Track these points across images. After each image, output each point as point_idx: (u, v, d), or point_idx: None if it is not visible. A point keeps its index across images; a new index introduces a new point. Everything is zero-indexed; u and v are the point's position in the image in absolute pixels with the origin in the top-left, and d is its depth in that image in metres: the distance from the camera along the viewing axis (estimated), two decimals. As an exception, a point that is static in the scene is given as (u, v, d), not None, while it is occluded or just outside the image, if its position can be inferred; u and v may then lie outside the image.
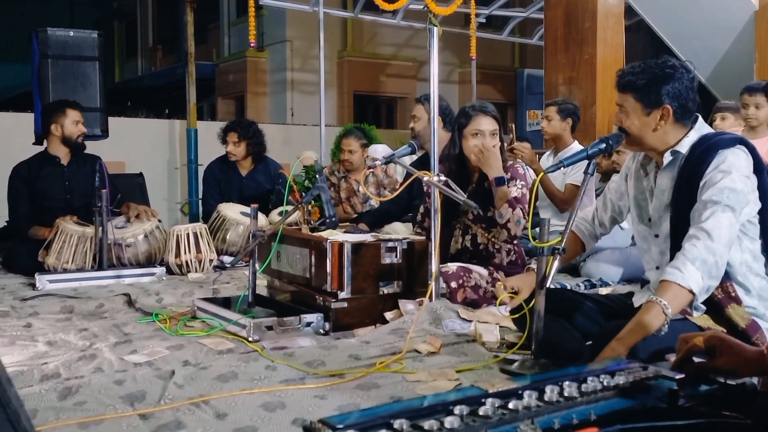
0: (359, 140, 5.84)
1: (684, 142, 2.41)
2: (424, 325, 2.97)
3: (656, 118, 2.39)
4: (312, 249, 3.19)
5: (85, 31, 6.15)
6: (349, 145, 5.83)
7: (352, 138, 5.86)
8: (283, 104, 14.64)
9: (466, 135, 3.61)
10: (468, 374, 2.42)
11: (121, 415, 2.04)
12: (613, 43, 7.18)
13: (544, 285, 2.36)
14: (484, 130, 3.59)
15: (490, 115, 3.64)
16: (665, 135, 2.42)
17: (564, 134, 5.14)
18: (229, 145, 5.83)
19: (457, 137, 3.64)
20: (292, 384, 2.30)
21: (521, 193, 3.56)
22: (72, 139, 4.92)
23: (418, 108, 4.94)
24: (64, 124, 4.91)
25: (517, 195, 3.54)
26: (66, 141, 4.93)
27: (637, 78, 2.39)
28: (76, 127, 4.94)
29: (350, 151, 5.80)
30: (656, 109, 2.39)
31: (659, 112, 2.39)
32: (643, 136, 2.43)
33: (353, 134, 5.92)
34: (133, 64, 21.71)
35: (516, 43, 15.34)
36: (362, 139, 5.88)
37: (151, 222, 4.76)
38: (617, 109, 2.48)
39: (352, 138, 5.85)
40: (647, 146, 2.47)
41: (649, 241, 2.55)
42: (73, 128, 4.93)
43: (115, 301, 3.75)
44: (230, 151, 5.84)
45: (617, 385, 1.57)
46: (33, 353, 2.73)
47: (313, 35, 8.45)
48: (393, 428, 1.29)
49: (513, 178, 3.59)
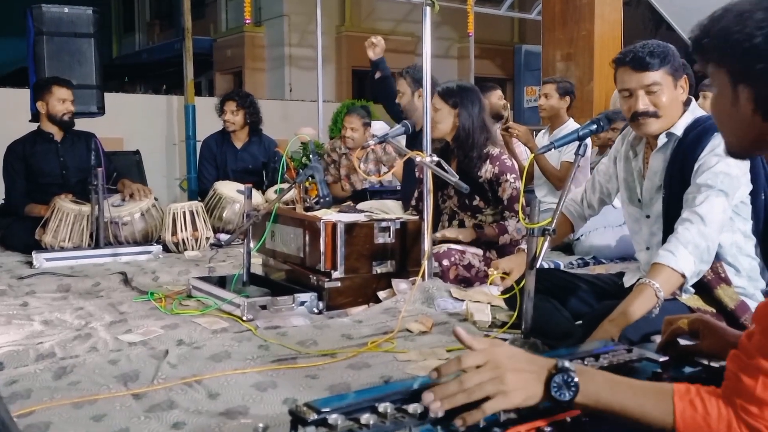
0: (361, 119, 5.84)
1: (679, 124, 2.40)
2: (416, 305, 2.99)
3: (682, 86, 2.40)
4: (306, 229, 3.21)
5: (80, 8, 6.10)
6: (351, 122, 5.83)
7: (354, 116, 5.85)
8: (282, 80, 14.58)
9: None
10: (458, 353, 2.43)
11: (114, 394, 2.06)
12: (611, 19, 7.13)
13: (534, 265, 2.38)
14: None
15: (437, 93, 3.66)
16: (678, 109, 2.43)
17: (561, 112, 5.15)
18: (227, 114, 5.84)
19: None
20: (284, 364, 2.33)
21: (514, 189, 3.57)
22: (57, 117, 4.92)
23: (401, 83, 4.92)
24: (50, 102, 4.91)
25: (512, 193, 3.55)
26: (52, 119, 4.92)
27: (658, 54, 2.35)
28: (62, 105, 4.93)
29: (352, 129, 5.80)
30: (680, 79, 2.39)
31: (682, 80, 2.40)
32: (676, 111, 2.42)
33: (356, 112, 5.92)
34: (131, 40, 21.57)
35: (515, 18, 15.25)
36: (365, 118, 5.88)
37: (147, 200, 4.77)
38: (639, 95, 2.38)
39: (355, 116, 5.85)
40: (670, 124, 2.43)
41: (640, 222, 2.57)
42: (59, 106, 4.92)
43: (112, 279, 3.77)
44: (228, 120, 5.85)
45: (602, 367, 1.59)
46: (29, 332, 2.75)
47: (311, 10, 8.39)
48: (378, 412, 1.31)
49: (502, 172, 3.59)
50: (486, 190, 3.62)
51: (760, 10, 1.27)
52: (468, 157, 3.62)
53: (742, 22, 1.28)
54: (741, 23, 1.28)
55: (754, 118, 1.28)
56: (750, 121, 1.29)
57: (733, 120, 1.34)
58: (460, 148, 3.65)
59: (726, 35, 1.30)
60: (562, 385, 1.32)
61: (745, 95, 1.29)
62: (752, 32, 1.26)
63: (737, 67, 1.29)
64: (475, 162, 3.60)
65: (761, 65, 1.24)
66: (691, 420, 1.25)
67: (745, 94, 1.29)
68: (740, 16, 1.29)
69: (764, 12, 1.26)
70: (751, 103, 1.28)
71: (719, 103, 1.37)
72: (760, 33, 1.25)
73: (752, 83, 1.27)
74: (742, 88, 1.29)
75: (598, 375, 1.38)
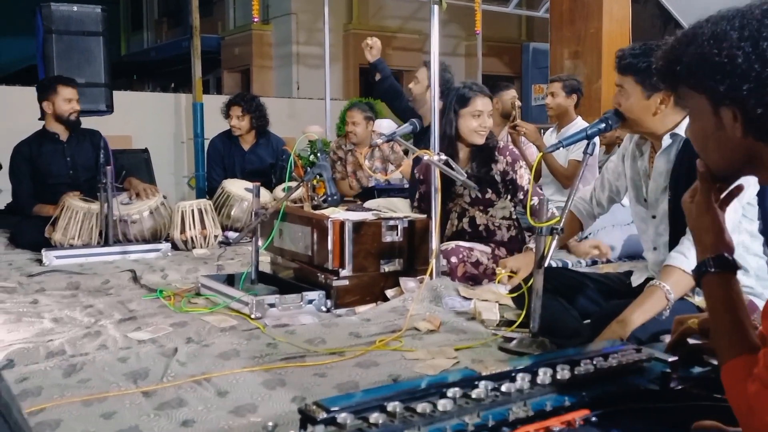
0: (363, 113, 5.85)
1: (683, 125, 2.39)
2: (424, 303, 3.00)
3: (656, 102, 2.37)
4: (314, 227, 3.21)
5: (88, 6, 6.13)
6: (352, 117, 5.85)
7: (356, 110, 5.87)
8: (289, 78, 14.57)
9: (464, 115, 3.61)
10: (466, 352, 2.45)
11: (124, 392, 2.08)
12: (619, 16, 7.10)
13: (542, 264, 2.38)
14: (483, 110, 3.60)
15: (486, 95, 3.66)
16: (665, 118, 2.40)
17: (568, 110, 5.14)
18: (233, 119, 5.86)
19: (454, 117, 3.63)
20: (293, 362, 2.34)
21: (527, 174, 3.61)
22: (64, 117, 4.91)
23: (422, 71, 4.92)
24: (56, 102, 4.90)
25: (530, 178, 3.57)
26: (59, 119, 4.92)
27: (639, 60, 2.37)
28: (69, 104, 4.91)
29: (354, 123, 5.82)
30: (657, 93, 2.37)
31: (660, 96, 2.37)
32: (642, 119, 2.41)
33: (357, 107, 5.95)
34: (139, 37, 21.59)
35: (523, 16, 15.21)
36: (367, 112, 5.89)
37: (156, 198, 4.78)
38: (616, 90, 2.46)
39: (356, 110, 5.87)
40: (645, 130, 2.46)
41: (647, 222, 2.56)
42: (65, 106, 4.90)
43: (121, 277, 3.78)
44: (234, 125, 5.87)
45: (610, 367, 1.59)
46: (39, 330, 2.77)
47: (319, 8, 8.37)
48: (387, 411, 1.31)
49: (515, 161, 3.62)
50: (497, 182, 3.63)
51: (733, 30, 1.24)
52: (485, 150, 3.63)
53: (718, 45, 1.24)
54: (717, 45, 1.24)
55: (745, 139, 1.25)
56: (739, 142, 1.27)
57: (720, 143, 1.31)
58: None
59: (702, 59, 1.26)
60: None
61: (730, 117, 1.26)
62: (732, 53, 1.22)
63: (719, 90, 1.25)
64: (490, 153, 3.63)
65: (747, 85, 1.21)
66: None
67: (729, 116, 1.26)
68: (714, 39, 1.25)
69: (738, 31, 1.23)
70: (740, 125, 1.25)
71: (700, 129, 1.34)
72: (741, 53, 1.21)
73: (739, 105, 1.24)
74: (725, 111, 1.26)
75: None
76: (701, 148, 1.37)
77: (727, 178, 1.40)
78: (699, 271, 1.39)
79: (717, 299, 1.36)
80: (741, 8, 1.27)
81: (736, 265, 1.37)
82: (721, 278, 1.36)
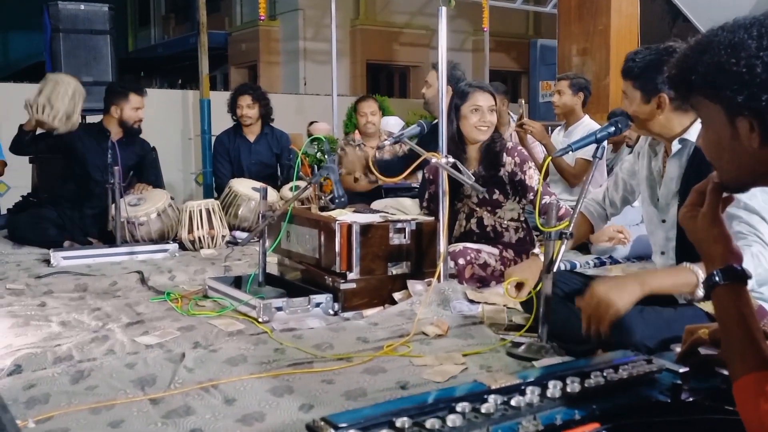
0: (376, 103, 5.90)
1: (692, 131, 2.37)
2: (432, 307, 2.98)
3: (654, 106, 2.36)
4: (321, 230, 3.20)
5: (96, 4, 6.13)
6: (370, 107, 5.86)
7: (370, 101, 5.91)
8: (296, 74, 14.58)
9: (464, 111, 3.59)
10: (474, 358, 2.43)
11: (131, 399, 2.07)
12: (628, 13, 7.07)
13: (551, 269, 2.37)
14: (482, 105, 3.56)
15: (487, 91, 3.63)
16: (668, 122, 2.38)
17: (575, 108, 5.12)
18: (243, 108, 5.85)
19: (455, 115, 3.61)
20: (300, 368, 2.33)
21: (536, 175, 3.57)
22: (128, 124, 5.01)
23: (432, 74, 4.91)
24: (125, 108, 4.98)
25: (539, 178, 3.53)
26: (122, 124, 5.01)
27: (635, 65, 2.35)
28: (135, 113, 5.02)
29: (372, 113, 5.82)
30: (654, 98, 2.35)
31: (656, 100, 2.35)
32: (647, 123, 2.41)
33: (370, 98, 6.00)
34: (146, 34, 21.63)
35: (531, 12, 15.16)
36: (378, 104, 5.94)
37: (163, 200, 4.79)
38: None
39: (371, 101, 5.91)
40: (653, 132, 2.44)
41: (656, 225, 2.54)
42: (132, 114, 5.02)
43: (128, 278, 3.78)
44: (245, 114, 5.86)
45: (621, 379, 1.58)
46: (47, 334, 2.76)
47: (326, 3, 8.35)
48: (395, 427, 1.30)
49: (523, 161, 3.58)
50: (505, 183, 3.61)
51: (751, 39, 1.22)
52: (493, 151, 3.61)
53: (736, 54, 1.22)
54: (734, 55, 1.22)
55: (761, 149, 1.24)
56: (755, 153, 1.25)
57: (735, 154, 1.29)
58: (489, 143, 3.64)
59: (719, 69, 1.24)
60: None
61: (746, 127, 1.24)
62: (751, 63, 1.20)
63: (737, 100, 1.23)
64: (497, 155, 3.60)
65: (766, 95, 1.19)
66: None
67: (745, 126, 1.24)
68: (731, 48, 1.23)
69: (757, 40, 1.21)
70: (757, 135, 1.23)
71: (714, 138, 1.32)
72: (760, 62, 1.20)
73: (756, 115, 1.22)
74: (741, 121, 1.24)
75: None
76: (714, 158, 1.35)
77: (739, 188, 1.39)
78: (708, 283, 1.37)
79: (728, 313, 1.35)
80: (758, 17, 1.25)
81: (746, 275, 1.35)
82: (731, 290, 1.34)
